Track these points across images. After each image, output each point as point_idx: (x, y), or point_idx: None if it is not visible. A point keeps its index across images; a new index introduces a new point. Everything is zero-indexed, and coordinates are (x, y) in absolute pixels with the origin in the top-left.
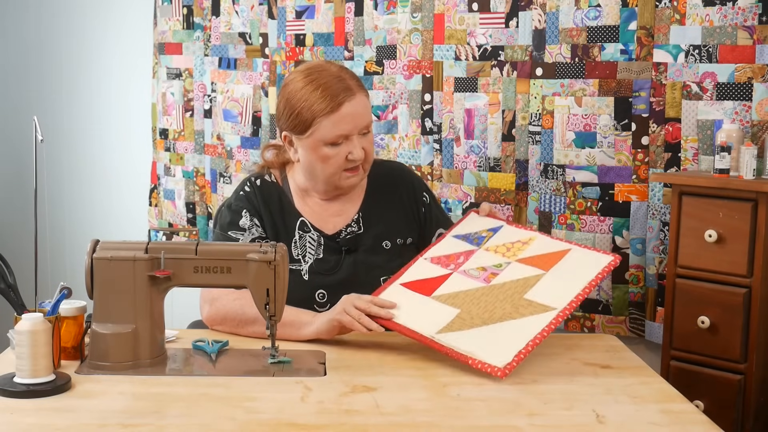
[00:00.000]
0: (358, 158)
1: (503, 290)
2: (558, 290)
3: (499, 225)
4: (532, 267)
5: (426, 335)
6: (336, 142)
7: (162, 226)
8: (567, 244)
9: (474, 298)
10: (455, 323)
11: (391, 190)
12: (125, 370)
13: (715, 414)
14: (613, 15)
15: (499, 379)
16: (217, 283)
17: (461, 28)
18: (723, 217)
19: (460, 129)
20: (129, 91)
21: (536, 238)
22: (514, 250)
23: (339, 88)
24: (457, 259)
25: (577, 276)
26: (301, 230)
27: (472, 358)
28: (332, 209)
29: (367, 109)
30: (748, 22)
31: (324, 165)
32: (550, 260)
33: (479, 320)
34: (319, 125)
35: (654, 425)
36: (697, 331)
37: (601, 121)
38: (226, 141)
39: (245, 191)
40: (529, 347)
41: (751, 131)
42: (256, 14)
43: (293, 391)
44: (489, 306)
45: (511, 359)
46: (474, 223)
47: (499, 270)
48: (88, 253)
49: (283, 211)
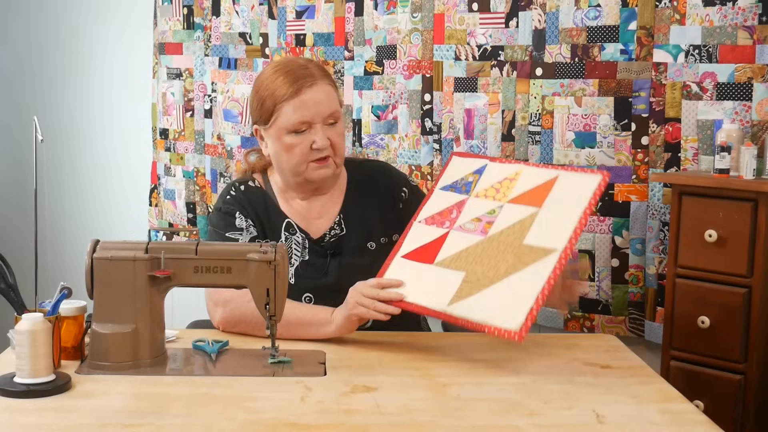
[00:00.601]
0: (321, 146)
1: (502, 239)
2: (555, 227)
3: (482, 165)
4: (524, 206)
5: (438, 310)
6: (297, 129)
7: (162, 226)
8: (553, 171)
9: (476, 255)
10: (464, 289)
11: (370, 189)
12: (125, 370)
13: (715, 414)
14: (613, 15)
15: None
16: (217, 283)
17: (461, 28)
18: (723, 217)
19: (459, 129)
20: (129, 91)
21: (522, 171)
22: (503, 190)
23: (300, 75)
24: (450, 215)
25: (571, 206)
26: (287, 231)
27: (488, 326)
28: (314, 210)
29: (331, 98)
30: (748, 22)
31: (288, 155)
32: (540, 193)
33: (486, 280)
34: (280, 112)
35: (654, 425)
36: (697, 331)
37: (601, 121)
38: (226, 141)
39: (231, 195)
40: (539, 301)
41: (751, 131)
42: (256, 14)
43: (293, 391)
44: (492, 261)
45: (524, 319)
46: (458, 168)
47: (494, 217)
48: (89, 253)
49: (269, 213)
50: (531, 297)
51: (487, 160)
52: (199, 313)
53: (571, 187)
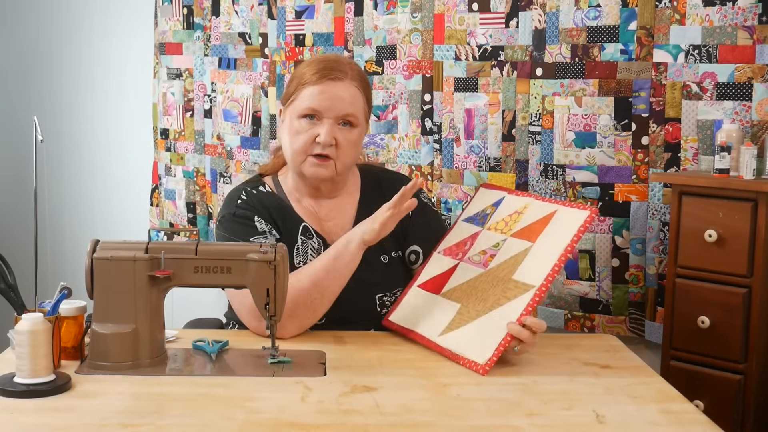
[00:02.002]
0: (323, 142)
1: (497, 273)
2: (539, 263)
3: (501, 197)
4: (522, 240)
5: (431, 339)
6: (306, 114)
7: (163, 226)
8: (554, 205)
9: (473, 287)
10: (455, 321)
11: (381, 200)
12: (125, 370)
13: (715, 414)
14: (613, 15)
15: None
16: (218, 283)
17: (461, 28)
18: (723, 217)
19: (460, 129)
20: (129, 91)
21: (529, 205)
22: (510, 224)
23: (332, 67)
24: (464, 246)
25: (557, 241)
26: (303, 236)
27: (461, 358)
28: (322, 211)
29: (354, 101)
30: (748, 22)
31: (293, 140)
32: (537, 228)
33: (474, 312)
34: (299, 93)
35: (654, 425)
36: (697, 331)
37: (601, 121)
38: (226, 141)
39: (243, 199)
40: (507, 338)
41: (751, 131)
42: (255, 14)
43: (293, 391)
44: (484, 294)
45: (491, 354)
46: (481, 200)
47: (497, 250)
48: (89, 253)
49: (284, 216)
50: (502, 332)
51: (506, 192)
52: (199, 313)
53: (562, 223)
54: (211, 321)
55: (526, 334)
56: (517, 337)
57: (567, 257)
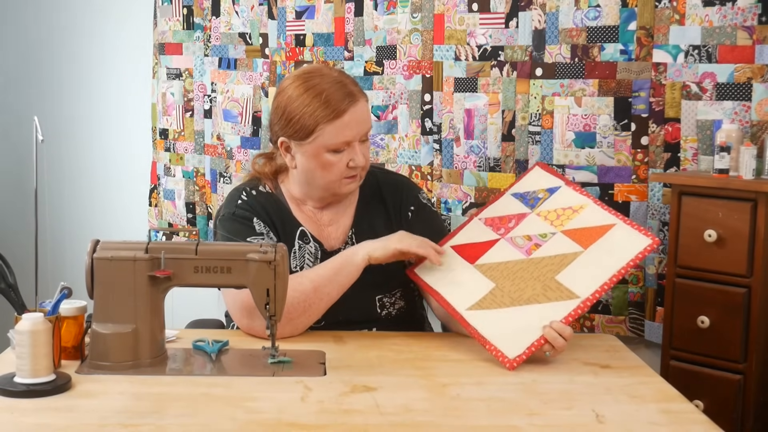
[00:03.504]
0: (359, 165)
1: (539, 266)
2: (589, 274)
3: (557, 185)
4: (573, 242)
5: (457, 310)
6: (339, 149)
7: (162, 226)
8: (614, 218)
9: (511, 272)
10: (486, 300)
11: (379, 204)
12: (125, 370)
13: (715, 414)
14: (613, 15)
15: (507, 372)
16: (218, 283)
17: (461, 28)
18: (723, 217)
19: (459, 129)
20: (129, 91)
21: (587, 206)
22: (563, 218)
23: (342, 94)
24: (508, 223)
25: (612, 259)
26: (300, 240)
27: (489, 343)
28: (324, 217)
29: (369, 115)
30: (748, 23)
31: (324, 172)
32: (592, 235)
33: (508, 299)
34: (322, 131)
35: (654, 425)
36: (697, 330)
37: (601, 121)
38: (226, 141)
39: (243, 200)
40: (542, 340)
41: (751, 131)
42: (256, 14)
43: (293, 391)
44: (521, 283)
45: (522, 352)
46: (535, 180)
47: (543, 241)
48: (89, 253)
49: (283, 219)
50: (537, 332)
51: (563, 182)
52: (199, 313)
53: (621, 241)
54: (211, 321)
55: (560, 342)
56: (551, 343)
57: (619, 278)
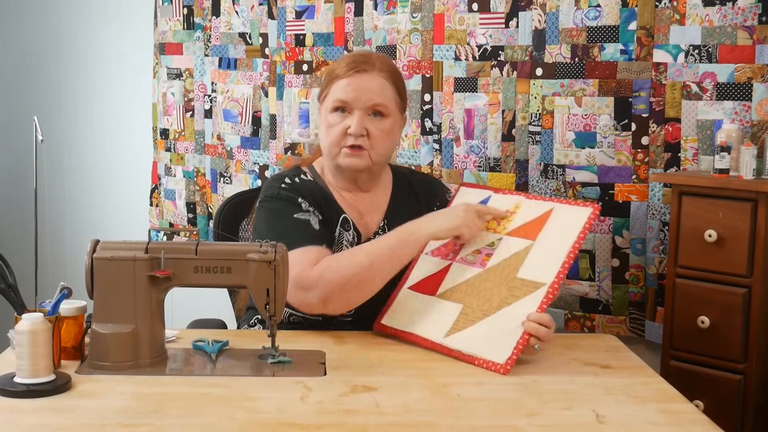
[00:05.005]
0: (354, 132)
1: (498, 272)
2: (547, 261)
3: (487, 196)
4: (521, 239)
5: (435, 341)
6: (337, 106)
7: (163, 226)
8: (549, 203)
9: (474, 287)
10: (460, 321)
11: (411, 198)
12: (125, 370)
13: (715, 414)
14: (613, 15)
15: (503, 375)
16: (218, 283)
17: (461, 28)
18: (723, 217)
19: (459, 129)
20: (129, 91)
21: (522, 204)
22: (504, 223)
23: (361, 60)
24: (453, 247)
25: (562, 239)
26: (342, 227)
27: (477, 358)
28: (362, 205)
29: (384, 91)
30: (748, 22)
31: (326, 134)
32: (536, 226)
33: (480, 312)
34: (330, 88)
35: (654, 425)
36: (697, 331)
37: (601, 121)
38: (226, 141)
39: (288, 183)
40: (525, 335)
41: (751, 131)
42: (256, 14)
43: (293, 391)
44: (487, 294)
45: (510, 354)
46: (463, 199)
47: (493, 249)
48: (89, 253)
49: (327, 203)
50: (519, 331)
51: (491, 191)
52: (199, 313)
53: (564, 220)
54: (211, 321)
55: (543, 331)
56: (535, 335)
57: (576, 254)
